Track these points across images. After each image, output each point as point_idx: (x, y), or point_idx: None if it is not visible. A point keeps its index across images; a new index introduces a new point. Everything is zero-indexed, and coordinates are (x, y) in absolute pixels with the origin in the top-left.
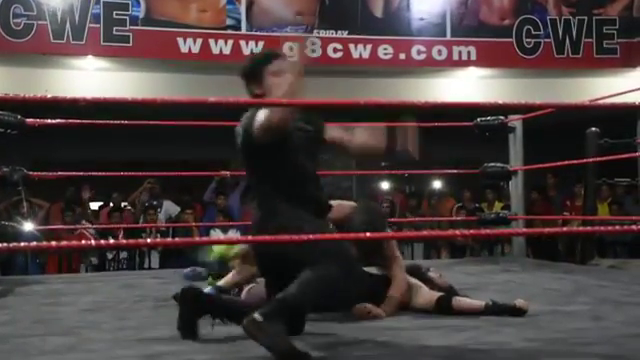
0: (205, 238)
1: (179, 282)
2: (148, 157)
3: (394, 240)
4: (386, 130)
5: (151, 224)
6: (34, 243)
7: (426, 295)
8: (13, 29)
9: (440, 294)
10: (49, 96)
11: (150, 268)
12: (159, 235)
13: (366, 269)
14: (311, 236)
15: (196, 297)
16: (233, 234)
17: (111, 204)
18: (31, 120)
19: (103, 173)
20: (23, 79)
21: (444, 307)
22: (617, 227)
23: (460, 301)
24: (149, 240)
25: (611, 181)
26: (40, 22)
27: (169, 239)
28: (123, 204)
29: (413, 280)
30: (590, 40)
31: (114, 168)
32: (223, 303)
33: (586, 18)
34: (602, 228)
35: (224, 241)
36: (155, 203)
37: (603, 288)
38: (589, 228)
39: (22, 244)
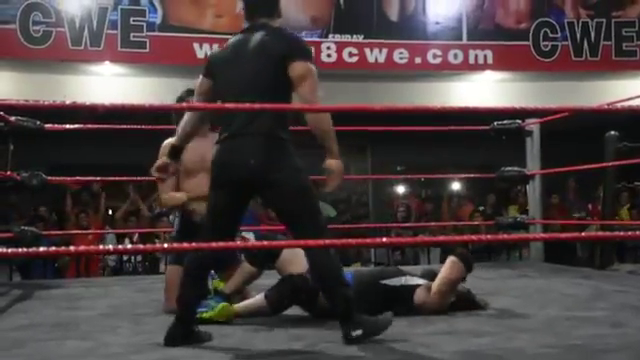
0: (222, 243)
1: None
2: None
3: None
4: None
5: (163, 229)
6: (52, 248)
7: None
8: (32, 36)
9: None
10: (68, 102)
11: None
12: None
13: (383, 281)
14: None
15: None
16: (248, 236)
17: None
18: (50, 125)
19: (119, 178)
20: (42, 85)
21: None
22: (638, 232)
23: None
24: (166, 245)
25: (631, 185)
26: (59, 29)
27: (185, 244)
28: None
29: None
30: (609, 43)
31: (129, 172)
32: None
33: (604, 20)
34: (622, 233)
35: (239, 245)
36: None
37: (622, 294)
38: (608, 233)
39: (41, 249)
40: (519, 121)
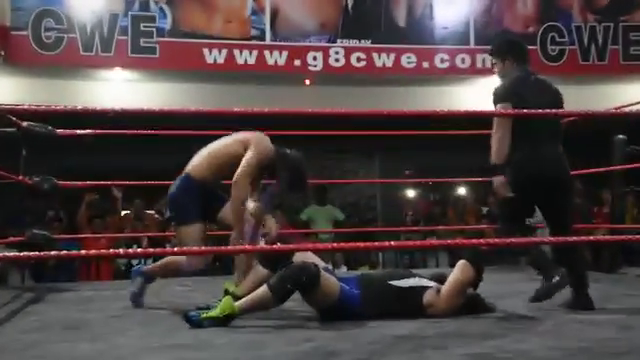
0: (238, 246)
1: (203, 289)
2: (174, 165)
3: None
4: None
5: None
6: (64, 252)
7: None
8: (44, 42)
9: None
10: (79, 107)
11: None
12: None
13: (393, 282)
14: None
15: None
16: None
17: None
18: (61, 131)
19: (131, 182)
20: (54, 91)
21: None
22: None
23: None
24: (176, 249)
25: (638, 189)
26: (70, 35)
27: (195, 248)
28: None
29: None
30: (616, 47)
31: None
32: None
33: (612, 25)
34: (630, 237)
35: (255, 249)
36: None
37: (631, 297)
38: (617, 237)
39: (52, 252)
40: None
